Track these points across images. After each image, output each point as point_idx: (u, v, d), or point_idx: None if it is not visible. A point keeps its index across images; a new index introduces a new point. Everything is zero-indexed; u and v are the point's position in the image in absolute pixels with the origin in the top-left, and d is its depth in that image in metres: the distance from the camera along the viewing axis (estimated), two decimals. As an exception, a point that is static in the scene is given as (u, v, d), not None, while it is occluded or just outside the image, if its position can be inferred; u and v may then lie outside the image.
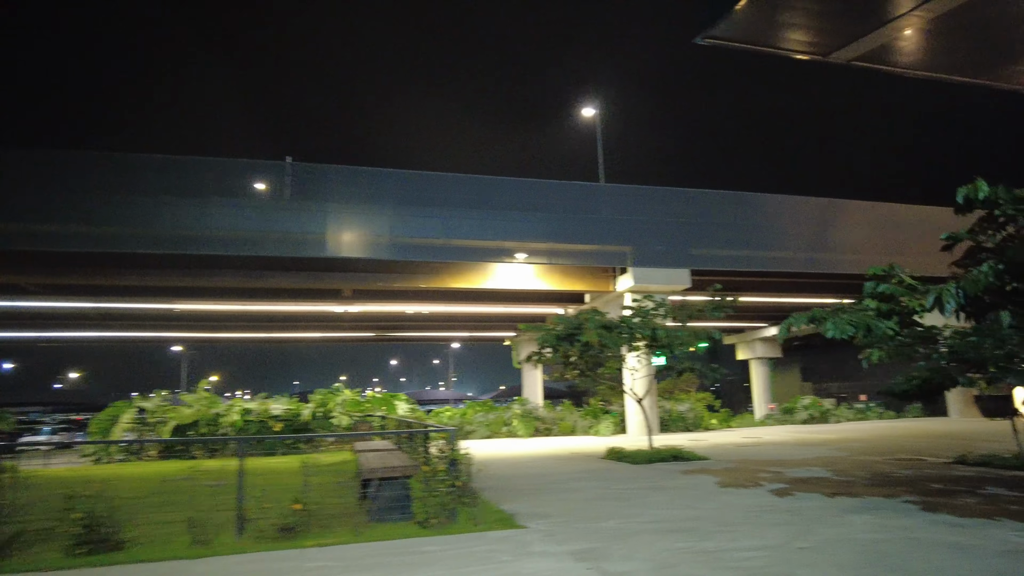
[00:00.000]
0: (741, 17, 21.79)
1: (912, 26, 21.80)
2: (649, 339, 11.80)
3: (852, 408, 27.43)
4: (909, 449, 12.86)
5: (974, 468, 9.58)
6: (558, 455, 14.49)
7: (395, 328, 29.77)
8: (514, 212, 19.54)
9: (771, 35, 22.63)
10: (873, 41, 22.53)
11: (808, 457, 12.02)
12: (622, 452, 12.72)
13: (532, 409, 22.17)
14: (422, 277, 20.06)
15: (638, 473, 10.47)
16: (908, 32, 22.33)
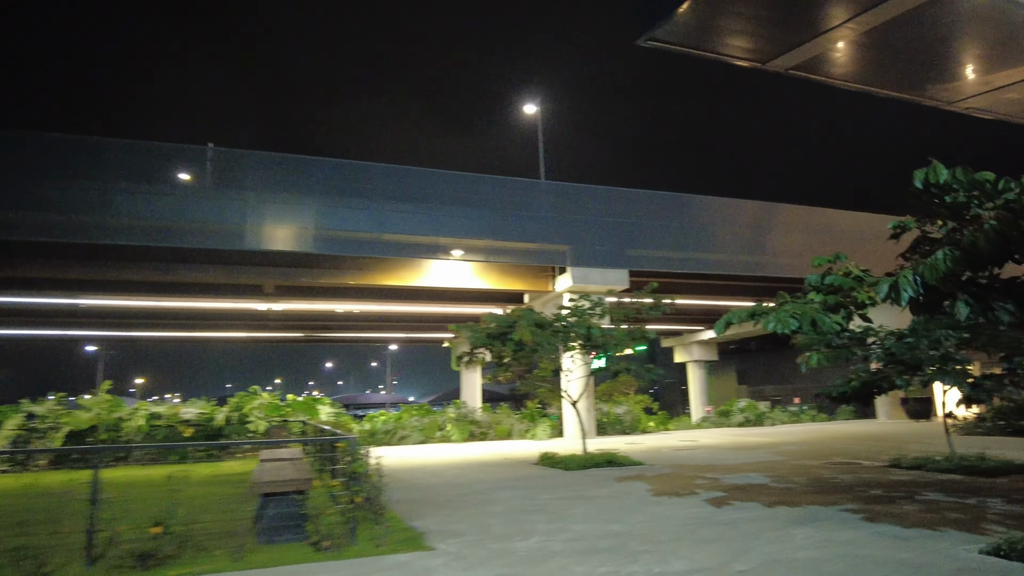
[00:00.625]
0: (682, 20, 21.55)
1: (845, 38, 22.13)
2: (583, 339, 11.19)
3: (786, 411, 27.76)
4: (844, 452, 12.68)
5: (909, 472, 9.33)
6: (488, 461, 13.72)
7: (325, 328, 28.36)
8: (450, 207, 18.71)
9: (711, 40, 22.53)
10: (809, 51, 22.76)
11: (745, 462, 11.65)
12: (555, 458, 12.05)
13: (467, 413, 21.33)
14: (350, 273, 18.95)
15: (569, 481, 9.81)
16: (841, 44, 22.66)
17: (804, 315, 5.00)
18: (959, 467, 9.07)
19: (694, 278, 22.79)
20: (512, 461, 13.49)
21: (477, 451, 16.83)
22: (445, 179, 18.71)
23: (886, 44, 22.12)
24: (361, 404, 58.22)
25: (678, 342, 37.82)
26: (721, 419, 26.46)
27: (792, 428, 22.66)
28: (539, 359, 12.23)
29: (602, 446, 16.45)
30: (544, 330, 10.58)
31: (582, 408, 20.05)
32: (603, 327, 11.53)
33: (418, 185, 18.43)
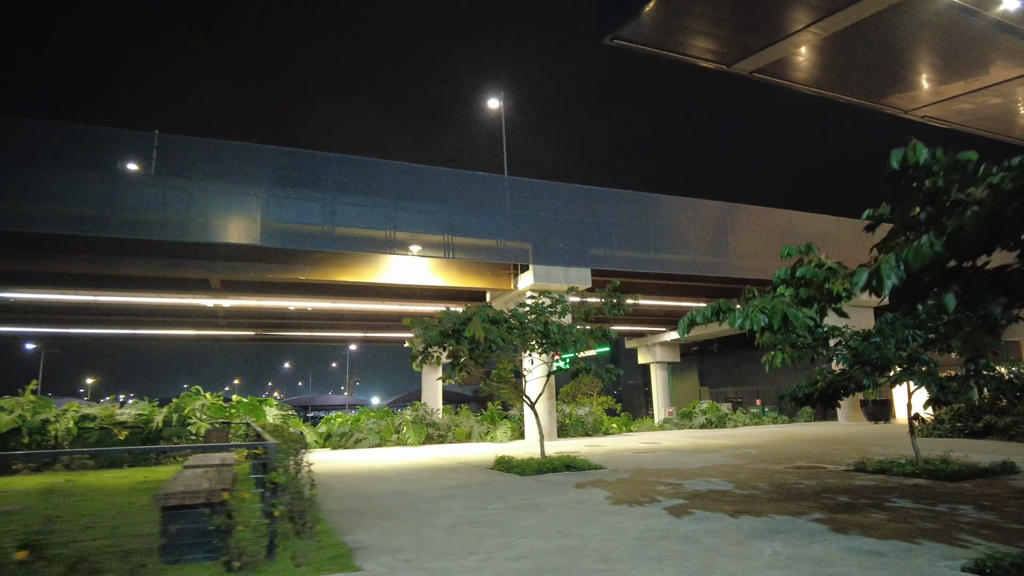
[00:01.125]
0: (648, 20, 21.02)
1: (807, 43, 21.94)
2: (541, 337, 10.65)
3: (748, 412, 27.76)
4: (807, 456, 12.42)
5: (874, 476, 9.03)
6: (442, 465, 13.07)
7: (279, 327, 27.29)
8: (407, 201, 18.02)
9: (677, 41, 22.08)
10: (772, 55, 22.53)
11: (707, 465, 11.26)
12: (510, 462, 11.48)
13: (424, 415, 20.62)
14: (301, 268, 18.09)
15: (523, 487, 9.24)
16: (804, 49, 22.49)
17: (774, 310, 4.53)
18: (924, 471, 8.80)
19: (657, 278, 22.53)
20: (467, 465, 12.88)
21: (433, 455, 16.17)
22: (402, 171, 18.01)
23: (846, 50, 22.09)
24: (320, 406, 56.75)
25: (641, 343, 37.71)
26: (683, 421, 26.29)
27: (753, 430, 22.57)
28: (496, 359, 11.64)
29: (562, 448, 15.96)
30: (499, 327, 10.01)
31: (542, 410, 19.55)
32: (562, 325, 11.01)
33: (374, 177, 17.70)
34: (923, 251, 3.57)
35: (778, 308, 4.52)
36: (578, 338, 10.48)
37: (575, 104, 68.23)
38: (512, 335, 10.18)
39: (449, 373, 12.01)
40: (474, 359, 11.73)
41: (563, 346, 10.47)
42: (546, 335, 10.58)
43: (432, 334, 10.67)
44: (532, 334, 10.69)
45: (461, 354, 11.39)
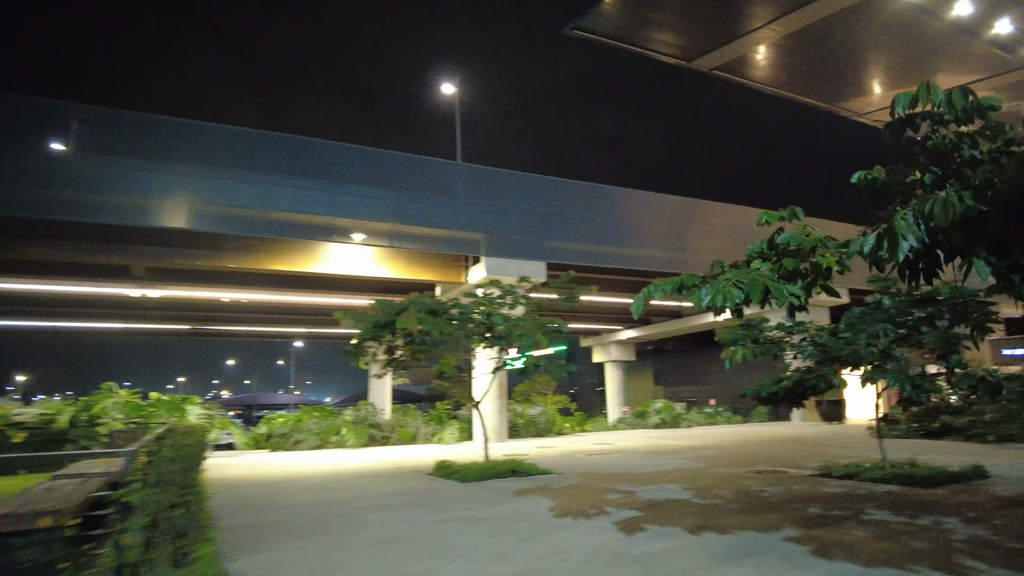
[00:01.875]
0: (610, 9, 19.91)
1: (767, 41, 21.26)
2: (485, 329, 9.68)
3: (703, 412, 27.38)
4: (767, 458, 11.78)
5: (843, 482, 8.36)
6: (378, 470, 11.98)
7: (215, 319, 25.59)
8: (351, 185, 16.78)
9: (638, 33, 21.11)
10: (732, 52, 21.78)
11: (663, 469, 10.48)
12: (452, 467, 10.47)
13: (367, 415, 19.42)
14: (232, 255, 16.70)
15: (462, 496, 8.26)
16: (763, 48, 21.84)
17: (752, 284, 3.67)
18: (893, 476, 8.17)
19: (614, 273, 21.85)
20: (406, 470, 11.82)
21: (372, 458, 15.04)
22: (345, 154, 16.78)
23: (804, 51, 21.55)
24: (264, 404, 54.55)
25: (597, 342, 37.14)
26: (637, 420, 25.72)
27: (709, 430, 22.09)
28: (440, 355, 10.62)
29: (512, 450, 15.03)
30: (437, 318, 9.00)
31: (491, 410, 18.59)
32: (508, 317, 10.06)
33: (314, 159, 16.41)
34: (952, 205, 2.73)
35: (758, 282, 3.66)
36: (526, 332, 9.55)
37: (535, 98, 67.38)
38: (452, 327, 9.17)
39: (386, 369, 10.92)
40: (414, 354, 10.69)
41: (509, 340, 9.52)
42: (490, 328, 9.62)
43: (364, 326, 9.59)
44: (475, 327, 9.71)
45: (397, 348, 10.34)
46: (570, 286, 11.83)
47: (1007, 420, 13.12)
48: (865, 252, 3.04)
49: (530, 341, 9.60)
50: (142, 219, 14.80)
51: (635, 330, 34.16)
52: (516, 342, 9.47)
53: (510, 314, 10.86)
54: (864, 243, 3.07)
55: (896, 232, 2.79)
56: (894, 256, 2.84)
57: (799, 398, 8.44)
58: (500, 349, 9.96)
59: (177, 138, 15.21)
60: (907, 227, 2.77)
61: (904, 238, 2.77)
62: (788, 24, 21.40)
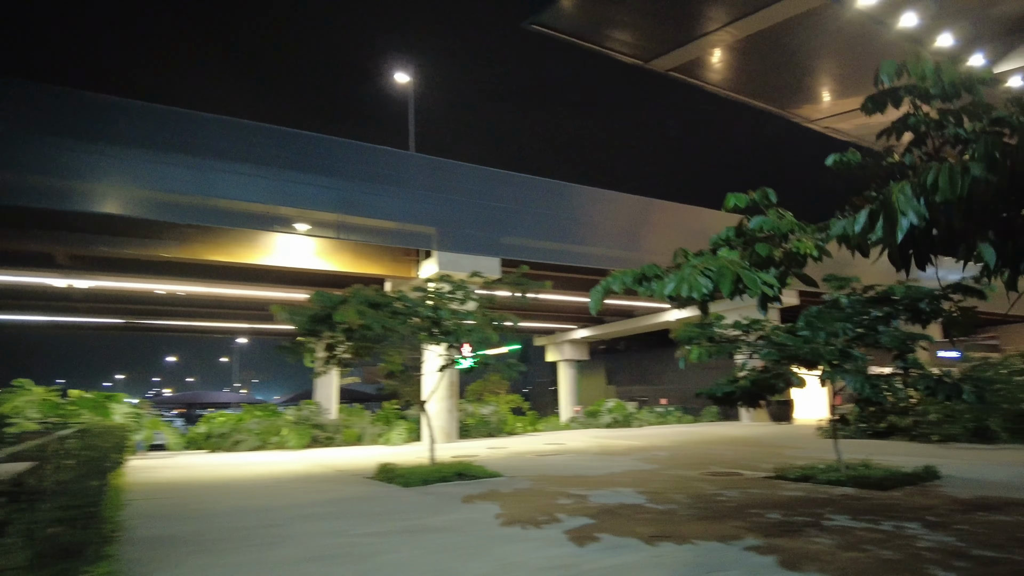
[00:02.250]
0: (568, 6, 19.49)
1: (722, 44, 21.26)
2: (431, 324, 9.12)
3: (653, 411, 27.39)
4: (720, 460, 11.58)
5: (798, 485, 8.14)
6: (317, 474, 11.28)
7: (150, 313, 24.17)
8: (295, 172, 15.95)
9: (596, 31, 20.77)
10: (688, 53, 21.71)
11: (616, 471, 10.13)
12: (395, 470, 9.87)
13: (309, 415, 18.57)
14: (167, 244, 15.64)
15: (404, 504, 7.71)
16: (718, 51, 21.85)
17: (721, 272, 3.27)
18: (849, 478, 8.00)
19: (569, 271, 21.54)
20: (347, 474, 11.16)
21: (313, 460, 14.29)
22: (291, 140, 15.93)
23: (759, 55, 21.68)
24: (207, 403, 52.37)
25: (550, 341, 36.91)
26: (590, 420, 25.52)
27: (660, 430, 22.02)
28: (384, 352, 9.99)
29: (462, 451, 14.51)
30: (380, 311, 8.40)
31: (440, 409, 18.01)
32: (457, 311, 9.52)
33: (256, 143, 15.52)
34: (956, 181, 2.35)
35: (727, 270, 3.26)
36: (475, 328, 9.03)
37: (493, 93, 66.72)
38: (396, 322, 8.57)
39: (326, 367, 10.23)
40: (356, 351, 10.05)
41: (458, 336, 8.98)
42: (438, 323, 9.06)
43: (301, 320, 8.91)
44: (421, 321, 9.14)
45: (338, 344, 9.69)
46: (523, 281, 11.38)
47: (950, 421, 13.30)
48: (854, 232, 2.66)
49: (480, 337, 9.09)
50: (68, 203, 13.68)
51: (588, 329, 34.05)
52: (465, 338, 8.95)
53: (460, 309, 10.34)
54: (853, 223, 2.68)
55: (894, 207, 2.41)
56: (891, 236, 2.45)
57: (756, 398, 8.19)
58: (449, 346, 9.43)
59: (108, 117, 14.13)
60: (906, 201, 2.39)
61: (903, 214, 2.39)
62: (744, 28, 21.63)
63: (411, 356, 11.22)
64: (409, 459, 12.54)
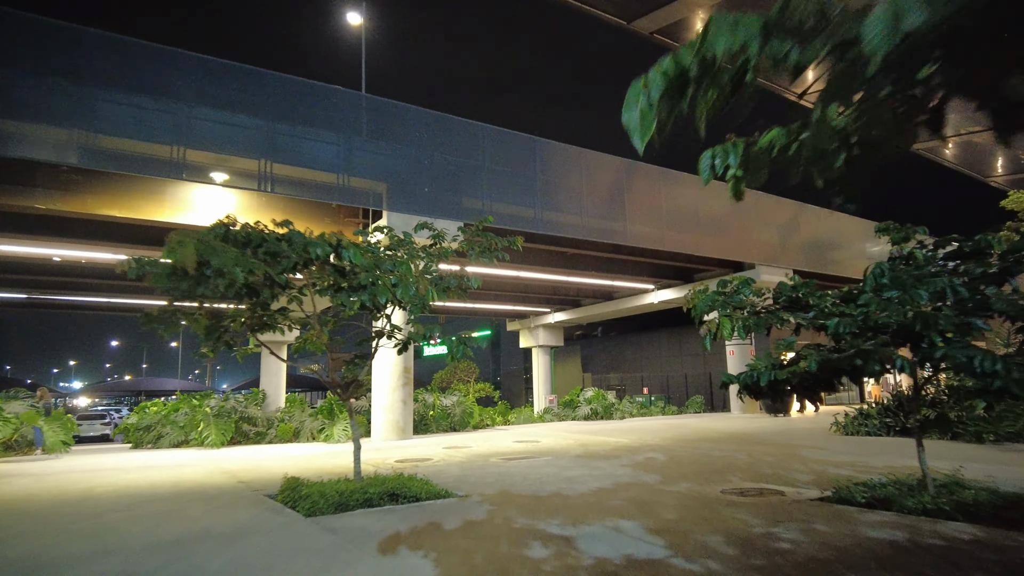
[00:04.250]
0: None
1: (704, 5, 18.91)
2: (333, 274, 6.30)
3: (635, 401, 24.97)
4: (735, 466, 9.02)
5: (879, 517, 5.57)
6: (206, 487, 8.43)
7: (55, 287, 20.81)
8: (209, 109, 12.95)
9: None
10: (672, 14, 19.11)
11: (606, 486, 7.50)
12: (303, 487, 7.08)
13: (235, 407, 15.65)
14: (40, 194, 12.51)
15: (287, 551, 4.95)
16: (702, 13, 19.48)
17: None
18: (952, 505, 5.46)
19: (543, 242, 18.87)
20: (244, 488, 8.33)
21: (224, 464, 11.45)
22: (202, 67, 12.89)
23: None
24: (152, 391, 48.73)
25: (524, 325, 34.23)
26: (565, 411, 22.98)
27: (645, 423, 19.53)
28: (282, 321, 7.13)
29: (413, 451, 11.79)
30: (246, 251, 5.52)
31: (392, 401, 15.22)
32: (374, 254, 6.69)
33: (157, 70, 12.47)
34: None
35: None
36: (403, 281, 6.21)
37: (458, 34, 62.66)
38: (275, 268, 5.71)
39: (214, 343, 7.35)
40: (257, 321, 7.22)
41: (375, 294, 6.13)
42: (342, 272, 6.25)
43: (158, 277, 6.04)
44: (318, 270, 6.28)
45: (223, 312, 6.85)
46: (486, 236, 8.69)
47: (1007, 416, 10.99)
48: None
49: (410, 293, 6.31)
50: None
51: (564, 313, 31.47)
52: (386, 296, 6.14)
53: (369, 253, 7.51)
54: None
55: None
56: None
57: (819, 388, 5.60)
58: (366, 308, 6.58)
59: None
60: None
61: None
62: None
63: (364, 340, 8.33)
64: (342, 464, 9.82)
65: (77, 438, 26.16)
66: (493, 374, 48.85)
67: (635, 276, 23.31)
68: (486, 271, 21.55)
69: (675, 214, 20.60)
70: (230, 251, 5.27)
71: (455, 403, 18.25)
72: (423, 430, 17.16)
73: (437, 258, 8.07)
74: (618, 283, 25.04)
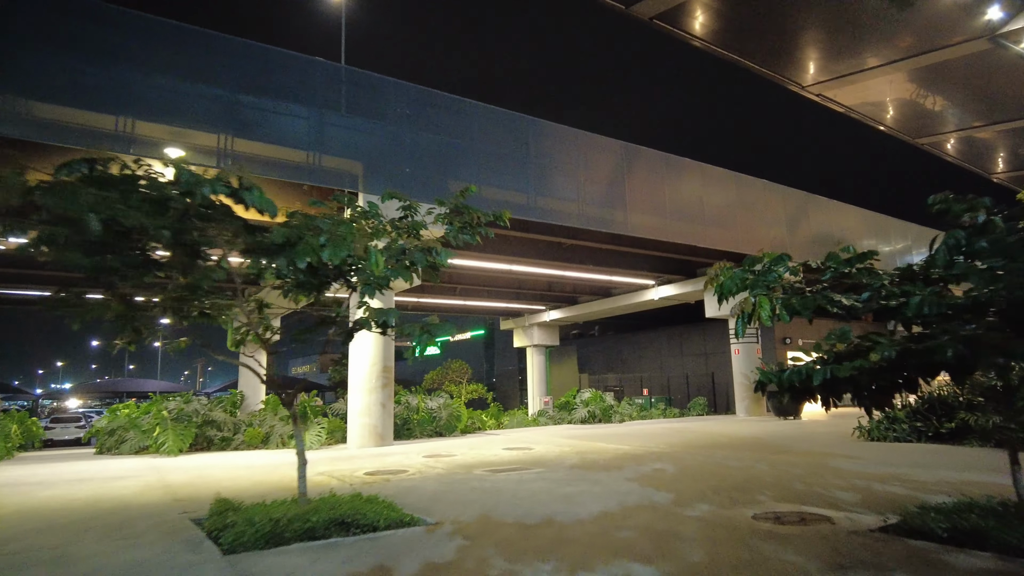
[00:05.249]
0: None
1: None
2: (242, 228, 4.91)
3: (634, 403, 23.60)
4: (760, 481, 7.65)
5: (978, 560, 4.20)
6: (129, 507, 7.01)
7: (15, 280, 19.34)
8: (162, 74, 11.57)
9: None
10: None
11: (611, 508, 6.12)
12: (235, 512, 5.68)
13: (198, 409, 14.23)
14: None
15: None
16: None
17: None
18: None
19: (537, 231, 17.52)
20: (172, 508, 6.91)
21: (171, 475, 10.04)
22: (153, 29, 11.49)
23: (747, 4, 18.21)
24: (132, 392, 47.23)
25: (518, 324, 32.86)
26: (561, 413, 21.60)
27: (646, 427, 18.16)
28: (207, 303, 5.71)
29: (388, 461, 10.40)
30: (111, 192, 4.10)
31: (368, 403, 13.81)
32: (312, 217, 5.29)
33: (100, 32, 11.06)
34: None
35: None
36: (338, 240, 4.80)
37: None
38: (158, 218, 4.30)
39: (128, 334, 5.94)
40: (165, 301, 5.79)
41: (293, 258, 4.72)
42: (251, 230, 4.86)
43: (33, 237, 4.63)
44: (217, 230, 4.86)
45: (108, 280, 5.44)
46: (468, 210, 7.35)
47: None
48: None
49: (342, 255, 4.83)
50: None
51: (560, 311, 30.11)
52: (306, 258, 4.69)
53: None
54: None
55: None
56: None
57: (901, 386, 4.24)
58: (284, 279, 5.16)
59: None
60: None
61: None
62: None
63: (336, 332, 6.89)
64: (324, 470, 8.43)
65: (50, 442, 24.79)
66: (487, 375, 47.47)
67: (635, 270, 21.98)
68: (477, 264, 20.19)
69: (678, 203, 19.29)
70: (83, 192, 3.89)
71: (441, 405, 16.85)
72: (406, 435, 15.77)
73: (406, 232, 6.70)
74: (617, 278, 23.71)
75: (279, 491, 7.21)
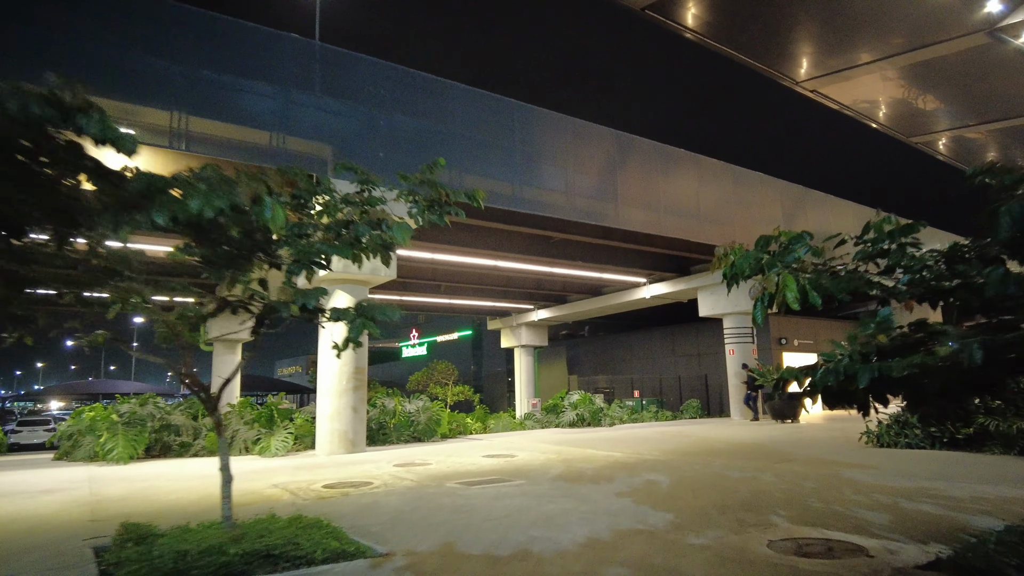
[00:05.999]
0: None
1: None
2: (96, 180, 3.91)
3: (625, 406, 22.65)
4: (769, 496, 6.69)
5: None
6: (33, 535, 5.96)
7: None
8: (112, 47, 10.52)
9: None
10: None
11: (600, 533, 5.14)
12: (148, 537, 4.68)
13: (153, 412, 13.15)
14: None
15: None
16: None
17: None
18: None
19: (523, 223, 16.55)
20: (76, 536, 5.86)
21: (110, 485, 8.98)
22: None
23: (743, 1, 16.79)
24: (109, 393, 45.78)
25: (505, 324, 31.86)
26: (549, 416, 20.63)
27: (638, 431, 17.20)
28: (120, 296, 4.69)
29: (354, 471, 9.35)
30: None
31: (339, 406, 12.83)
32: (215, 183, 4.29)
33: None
34: None
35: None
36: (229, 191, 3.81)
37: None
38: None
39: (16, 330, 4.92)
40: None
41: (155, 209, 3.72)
42: (100, 174, 3.87)
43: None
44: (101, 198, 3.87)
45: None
46: (436, 184, 6.40)
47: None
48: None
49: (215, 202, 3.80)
50: None
51: (549, 310, 29.15)
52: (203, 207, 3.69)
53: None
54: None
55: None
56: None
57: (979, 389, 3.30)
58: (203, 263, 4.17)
59: None
60: None
61: None
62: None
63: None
64: (259, 487, 7.45)
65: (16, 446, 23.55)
66: (474, 376, 46.38)
67: (626, 267, 21.06)
68: (461, 260, 19.19)
69: (672, 197, 18.41)
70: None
71: (420, 409, 15.82)
72: (382, 440, 14.73)
73: (360, 207, 5.73)
74: (607, 275, 22.79)
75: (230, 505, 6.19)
